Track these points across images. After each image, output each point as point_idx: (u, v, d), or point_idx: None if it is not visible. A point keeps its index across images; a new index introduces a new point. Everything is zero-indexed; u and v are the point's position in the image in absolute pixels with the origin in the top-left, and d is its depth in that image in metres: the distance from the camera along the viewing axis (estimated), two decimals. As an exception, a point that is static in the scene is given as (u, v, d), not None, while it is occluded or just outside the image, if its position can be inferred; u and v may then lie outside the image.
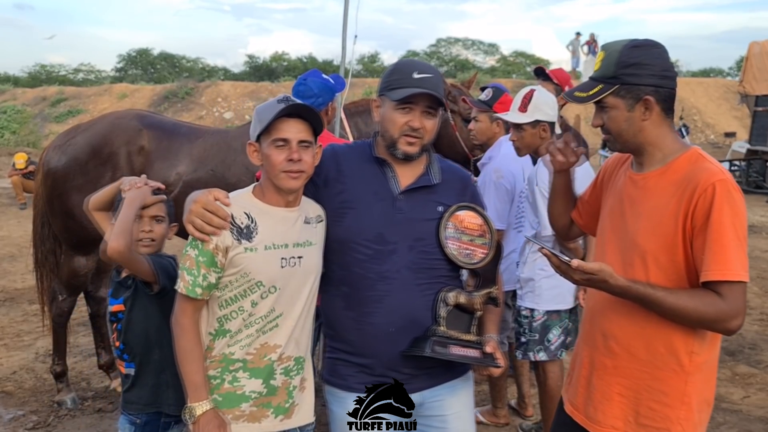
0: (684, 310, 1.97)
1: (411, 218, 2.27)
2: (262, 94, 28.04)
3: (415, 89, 2.21)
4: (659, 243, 2.05)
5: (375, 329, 2.25)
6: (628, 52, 2.07)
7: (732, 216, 1.94)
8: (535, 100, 3.55)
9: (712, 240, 1.94)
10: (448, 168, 2.44)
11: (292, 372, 2.25)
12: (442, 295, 2.25)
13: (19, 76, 44.86)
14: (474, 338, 2.28)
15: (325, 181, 2.34)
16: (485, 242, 2.32)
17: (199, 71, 44.20)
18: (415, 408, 2.32)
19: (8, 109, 29.19)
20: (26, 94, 32.49)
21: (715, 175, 1.97)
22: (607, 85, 2.09)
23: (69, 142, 4.50)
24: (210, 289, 2.15)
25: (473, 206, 2.33)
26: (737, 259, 1.93)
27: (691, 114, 25.65)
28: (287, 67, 41.45)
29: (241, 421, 2.19)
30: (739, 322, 1.96)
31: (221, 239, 2.12)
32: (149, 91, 30.64)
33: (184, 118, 26.83)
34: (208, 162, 4.55)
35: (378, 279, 2.24)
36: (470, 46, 48.03)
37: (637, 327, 2.11)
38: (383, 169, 2.32)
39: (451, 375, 2.37)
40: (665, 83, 2.07)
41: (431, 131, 2.29)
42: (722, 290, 1.94)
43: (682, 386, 2.07)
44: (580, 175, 3.60)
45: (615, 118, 2.11)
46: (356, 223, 2.27)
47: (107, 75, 46.64)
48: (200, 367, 2.16)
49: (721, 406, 4.73)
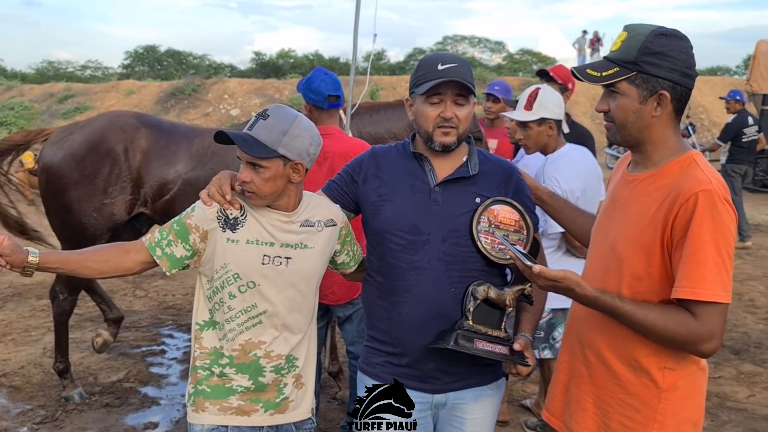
0: (653, 328, 1.85)
1: (446, 210, 2.27)
2: (269, 91, 28.05)
3: (439, 79, 2.21)
4: (636, 251, 1.93)
5: (403, 319, 2.27)
6: (654, 38, 1.90)
7: (714, 230, 1.79)
8: (540, 98, 3.56)
9: (687, 254, 1.80)
10: (489, 159, 2.41)
11: (284, 370, 2.27)
12: (472, 289, 2.21)
13: (27, 73, 45.01)
14: (503, 335, 2.21)
15: (364, 178, 2.38)
16: (521, 238, 2.27)
17: (205, 68, 44.20)
18: (439, 406, 2.34)
19: (16, 105, 29.27)
20: (33, 91, 32.55)
21: (700, 185, 1.82)
22: (624, 69, 1.93)
23: (66, 138, 4.52)
24: (170, 260, 2.18)
25: (510, 201, 2.28)
26: (715, 278, 1.78)
27: (697, 112, 25.54)
28: (293, 64, 41.41)
29: (229, 413, 2.22)
30: (713, 345, 1.81)
31: (203, 221, 2.16)
32: (156, 87, 30.67)
33: (191, 114, 26.86)
34: (207, 161, 4.58)
35: (409, 269, 2.26)
36: (476, 44, 47.94)
37: (611, 337, 2.00)
38: (421, 163, 2.33)
39: (479, 380, 2.35)
40: (684, 81, 1.92)
41: (465, 119, 2.27)
42: (696, 310, 1.80)
43: (655, 403, 1.94)
44: (584, 173, 3.63)
45: (624, 107, 1.96)
46: (392, 214, 2.30)
47: (114, 71, 46.71)
48: (67, 255, 2.17)
49: (726, 405, 4.73)
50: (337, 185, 2.45)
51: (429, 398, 2.32)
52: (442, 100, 2.25)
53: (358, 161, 2.44)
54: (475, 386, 2.34)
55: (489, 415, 2.40)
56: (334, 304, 3.62)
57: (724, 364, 5.46)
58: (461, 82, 2.22)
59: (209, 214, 2.17)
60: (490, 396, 2.39)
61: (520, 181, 2.41)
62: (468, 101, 2.28)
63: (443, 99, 2.25)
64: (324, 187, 2.48)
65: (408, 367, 2.30)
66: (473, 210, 2.26)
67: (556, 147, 3.68)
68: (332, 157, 3.45)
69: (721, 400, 4.82)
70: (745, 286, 7.61)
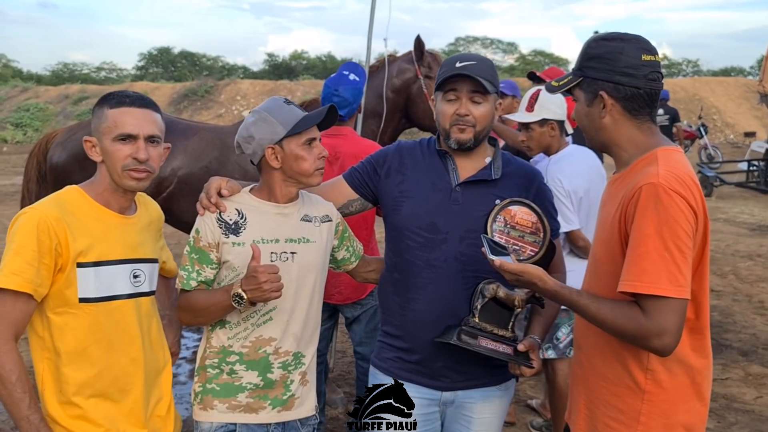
0: (604, 322, 1.85)
1: (466, 210, 2.29)
2: (281, 92, 28.15)
3: (453, 73, 2.23)
4: (604, 251, 1.96)
5: (415, 316, 2.31)
6: (593, 44, 1.99)
7: (657, 223, 1.76)
8: (542, 100, 3.58)
9: (630, 247, 1.80)
10: (512, 163, 2.42)
11: (291, 366, 2.29)
12: (481, 287, 2.21)
13: (42, 74, 45.50)
14: (509, 334, 2.22)
15: (387, 172, 2.40)
16: (536, 240, 2.26)
17: (218, 69, 44.49)
18: (447, 403, 2.36)
19: (31, 107, 29.58)
20: (49, 92, 32.83)
21: (646, 179, 1.82)
22: (573, 77, 2.02)
23: (70, 138, 4.61)
24: (208, 283, 2.24)
25: (528, 203, 2.27)
26: (659, 271, 1.75)
27: (710, 113, 25.41)
28: (306, 65, 41.58)
29: (238, 411, 2.25)
30: (665, 342, 1.77)
31: (211, 235, 2.20)
32: (169, 89, 30.88)
33: (203, 115, 27.00)
34: (203, 158, 4.60)
35: (425, 266, 2.29)
36: (489, 45, 48.06)
37: (596, 337, 2.00)
38: (444, 162, 2.35)
39: (488, 381, 2.36)
40: (627, 80, 1.92)
41: (482, 118, 2.28)
42: (644, 304, 1.78)
43: (638, 405, 1.93)
44: (587, 174, 3.64)
45: (578, 111, 2.05)
46: (412, 211, 2.32)
47: (128, 73, 47.10)
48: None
49: (733, 406, 4.72)
50: (359, 174, 2.47)
51: (438, 395, 2.35)
52: (458, 97, 2.27)
53: (383, 154, 2.46)
54: (484, 386, 2.36)
55: (496, 416, 2.42)
56: (341, 303, 3.64)
57: (732, 366, 5.44)
58: (475, 78, 2.22)
59: (211, 224, 2.20)
60: (499, 397, 2.40)
61: (542, 186, 2.42)
62: (486, 99, 2.28)
63: (459, 96, 2.27)
64: (345, 174, 2.51)
65: (418, 364, 2.33)
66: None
67: (559, 148, 3.69)
68: (343, 157, 3.47)
69: (728, 402, 4.80)
70: (755, 288, 7.57)
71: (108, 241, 2.08)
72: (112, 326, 2.08)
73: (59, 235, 1.97)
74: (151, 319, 2.23)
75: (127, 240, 2.14)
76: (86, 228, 2.05)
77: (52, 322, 2.02)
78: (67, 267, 1.99)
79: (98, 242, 2.05)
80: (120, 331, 2.10)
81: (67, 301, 2.01)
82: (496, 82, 2.30)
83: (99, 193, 2.13)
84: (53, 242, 1.96)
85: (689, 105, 25.82)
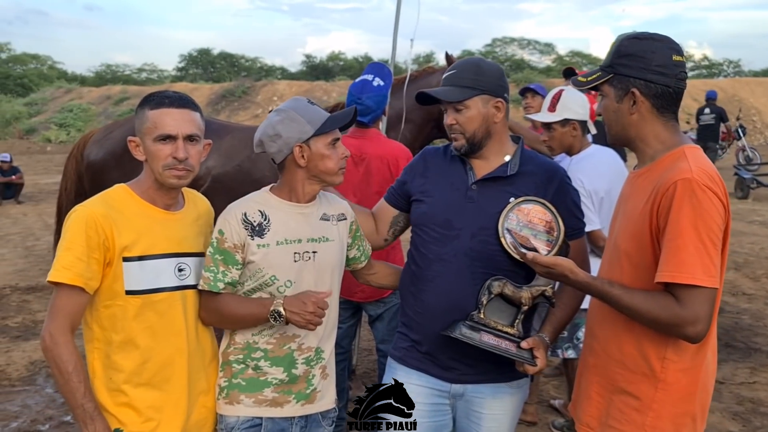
0: (638, 311, 1.93)
1: (481, 207, 2.33)
2: (317, 93, 28.36)
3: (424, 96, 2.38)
4: (633, 244, 2.01)
5: (425, 307, 2.37)
6: (626, 42, 2.06)
7: (693, 216, 1.85)
8: (564, 100, 3.59)
9: (667, 240, 1.88)
10: (534, 160, 2.44)
11: (312, 362, 2.35)
12: (488, 283, 2.23)
13: (86, 76, 46.56)
14: (513, 331, 2.23)
15: (412, 177, 2.52)
16: (549, 239, 2.25)
17: (257, 70, 44.98)
18: (457, 396, 2.40)
19: (74, 108, 30.26)
20: (92, 93, 33.58)
21: (681, 174, 1.90)
22: (604, 73, 2.10)
23: (107, 136, 4.68)
24: (233, 285, 2.27)
25: (543, 201, 2.28)
26: (695, 262, 1.84)
27: (750, 114, 24.90)
28: (343, 66, 41.79)
29: (264, 405, 2.30)
30: (699, 329, 1.86)
31: (237, 237, 2.24)
32: (207, 90, 31.31)
33: (240, 116, 27.33)
34: (236, 157, 4.68)
35: (436, 260, 2.35)
36: (526, 46, 47.77)
37: (613, 326, 2.08)
38: (463, 163, 2.43)
39: (496, 376, 2.37)
40: (658, 79, 2.01)
41: (467, 123, 2.34)
42: (679, 294, 1.86)
43: (652, 392, 2.00)
44: (608, 174, 3.64)
45: (606, 107, 2.12)
46: (430, 208, 2.41)
47: (169, 74, 47.87)
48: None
49: (760, 410, 4.65)
50: (393, 190, 2.60)
51: (447, 387, 2.39)
52: (446, 108, 2.38)
53: (410, 165, 2.60)
54: (493, 382, 2.38)
55: (507, 413, 2.43)
56: (363, 301, 3.68)
57: (761, 370, 5.35)
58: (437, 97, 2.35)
59: (236, 225, 2.25)
60: (510, 394, 2.42)
61: (564, 184, 2.41)
62: (466, 105, 2.34)
63: (446, 107, 2.38)
64: (385, 194, 2.63)
65: (427, 354, 2.39)
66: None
67: (581, 148, 3.70)
68: (369, 159, 3.52)
69: (755, 406, 4.74)
70: (786, 290, 7.45)
71: (152, 237, 2.17)
72: (157, 317, 2.17)
73: (106, 231, 2.08)
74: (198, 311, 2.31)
75: (171, 235, 2.23)
76: (131, 224, 2.15)
77: (102, 314, 2.14)
78: (114, 261, 2.11)
79: (143, 237, 2.15)
80: (165, 322, 2.18)
81: (115, 294, 2.12)
82: (479, 82, 2.33)
83: (144, 191, 2.25)
84: (101, 237, 2.07)
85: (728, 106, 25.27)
